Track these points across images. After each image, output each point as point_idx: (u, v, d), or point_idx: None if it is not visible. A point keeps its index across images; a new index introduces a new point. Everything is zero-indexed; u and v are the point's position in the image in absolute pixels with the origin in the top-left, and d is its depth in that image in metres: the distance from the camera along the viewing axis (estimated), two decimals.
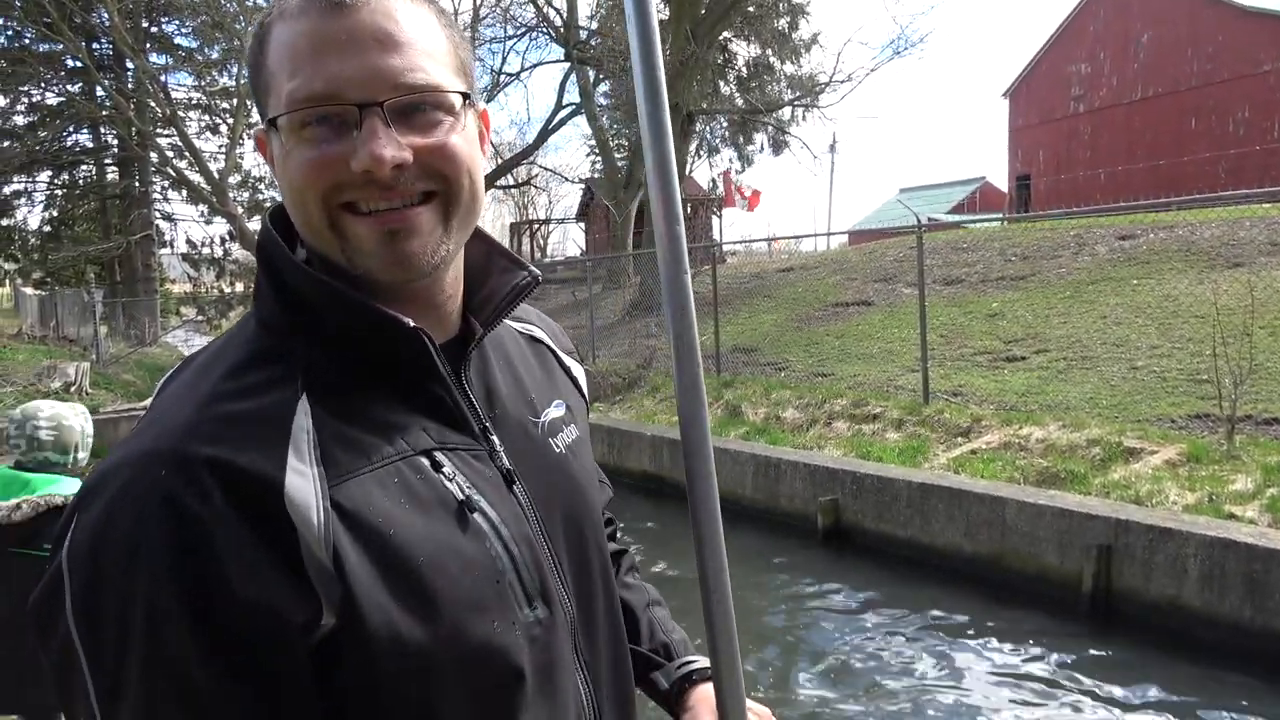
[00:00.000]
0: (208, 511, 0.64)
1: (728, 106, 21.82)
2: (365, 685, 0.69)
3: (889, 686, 4.98)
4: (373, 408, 0.75)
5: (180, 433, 0.68)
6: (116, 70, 24.80)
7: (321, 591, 0.67)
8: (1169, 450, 6.68)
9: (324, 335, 0.76)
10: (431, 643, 0.70)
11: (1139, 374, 8.63)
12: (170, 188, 27.85)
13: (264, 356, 0.74)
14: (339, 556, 0.68)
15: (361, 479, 0.71)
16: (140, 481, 0.65)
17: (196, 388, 0.73)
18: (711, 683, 0.99)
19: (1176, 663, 4.98)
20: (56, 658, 0.67)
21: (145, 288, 26.80)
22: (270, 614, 0.65)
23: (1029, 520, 6.01)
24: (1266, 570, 4.89)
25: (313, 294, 0.75)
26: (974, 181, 33.44)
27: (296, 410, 0.71)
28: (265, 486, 0.67)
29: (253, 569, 0.65)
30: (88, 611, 0.64)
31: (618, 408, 11.78)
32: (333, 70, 0.71)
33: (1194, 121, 22.95)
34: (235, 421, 0.69)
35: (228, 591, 0.64)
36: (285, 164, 0.74)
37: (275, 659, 0.66)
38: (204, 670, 0.63)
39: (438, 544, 0.73)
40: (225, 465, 0.66)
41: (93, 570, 0.65)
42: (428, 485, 0.75)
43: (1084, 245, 13.35)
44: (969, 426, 8.02)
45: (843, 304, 14.17)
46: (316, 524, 0.67)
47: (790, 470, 7.81)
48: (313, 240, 0.76)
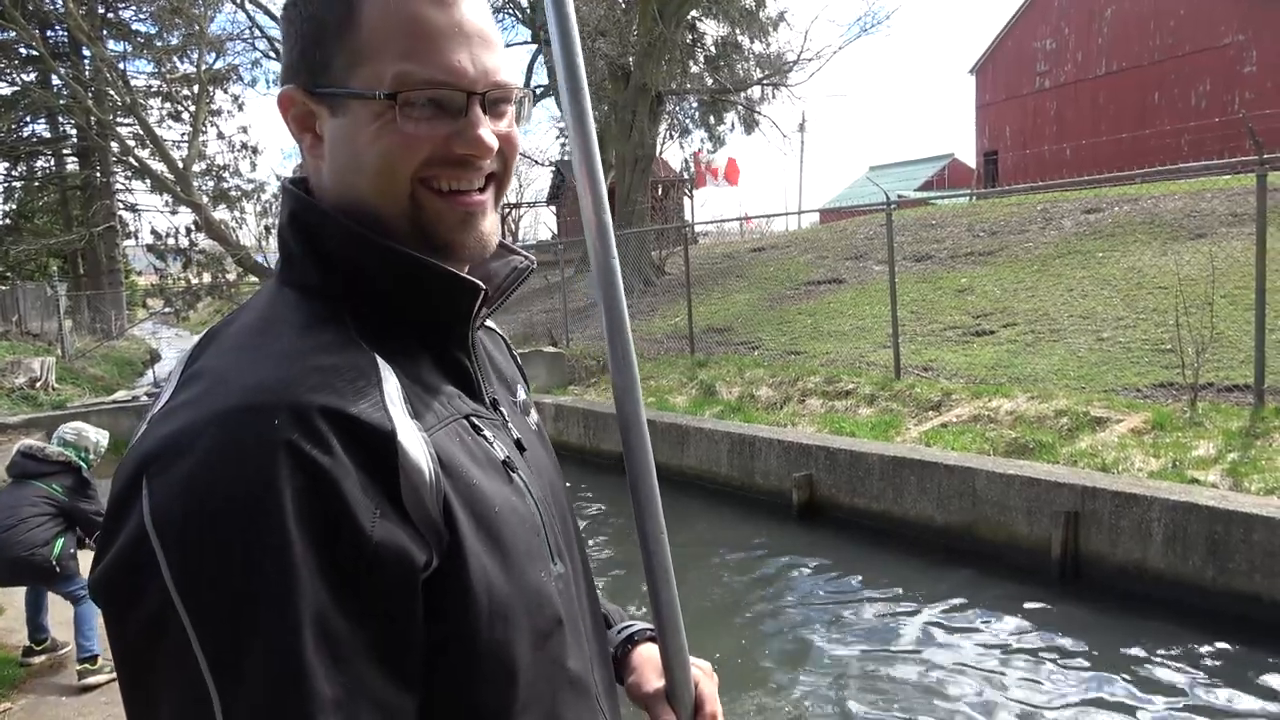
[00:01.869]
0: (330, 460, 0.65)
1: (697, 86, 21.75)
2: (462, 628, 0.72)
3: (864, 656, 5.07)
4: (421, 371, 0.78)
5: (281, 384, 0.67)
6: (73, 58, 24.28)
7: (429, 538, 0.69)
8: (1134, 419, 6.82)
9: (372, 298, 0.78)
10: (508, 588, 0.75)
11: (1105, 345, 8.78)
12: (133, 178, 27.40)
13: (321, 319, 0.75)
14: (447, 505, 0.71)
15: (439, 434, 0.75)
16: (251, 434, 0.64)
17: (267, 347, 0.72)
18: (653, 643, 1.03)
19: (1142, 623, 5.10)
20: (138, 630, 0.63)
21: (110, 280, 26.37)
22: (399, 557, 0.67)
23: (999, 490, 6.12)
24: (1227, 531, 5.01)
25: (367, 257, 0.77)
26: (943, 158, 33.64)
27: (380, 366, 0.73)
28: (381, 436, 0.68)
29: (379, 514, 0.66)
30: (201, 574, 0.62)
31: (593, 390, 11.80)
32: (449, 59, 0.76)
33: (1157, 95, 23.21)
34: (332, 374, 0.70)
35: (361, 537, 0.65)
36: (373, 140, 0.76)
37: (404, 601, 0.68)
38: (342, 616, 0.64)
39: (502, 497, 0.78)
40: (340, 414, 0.67)
41: (207, 528, 0.62)
42: (479, 446, 0.79)
43: (1050, 220, 13.51)
44: (940, 400, 8.12)
45: (814, 282, 14.26)
46: (428, 473, 0.70)
47: (765, 447, 7.87)
48: (385, 207, 0.78)
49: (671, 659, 0.96)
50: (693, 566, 6.73)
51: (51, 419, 10.94)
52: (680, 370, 11.23)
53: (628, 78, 17.94)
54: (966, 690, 4.58)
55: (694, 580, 6.48)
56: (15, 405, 12.99)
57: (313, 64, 0.78)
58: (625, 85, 18.00)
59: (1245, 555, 4.95)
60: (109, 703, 4.35)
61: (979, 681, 4.67)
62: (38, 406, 12.95)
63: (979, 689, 4.59)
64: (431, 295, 0.80)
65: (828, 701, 4.60)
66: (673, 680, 0.97)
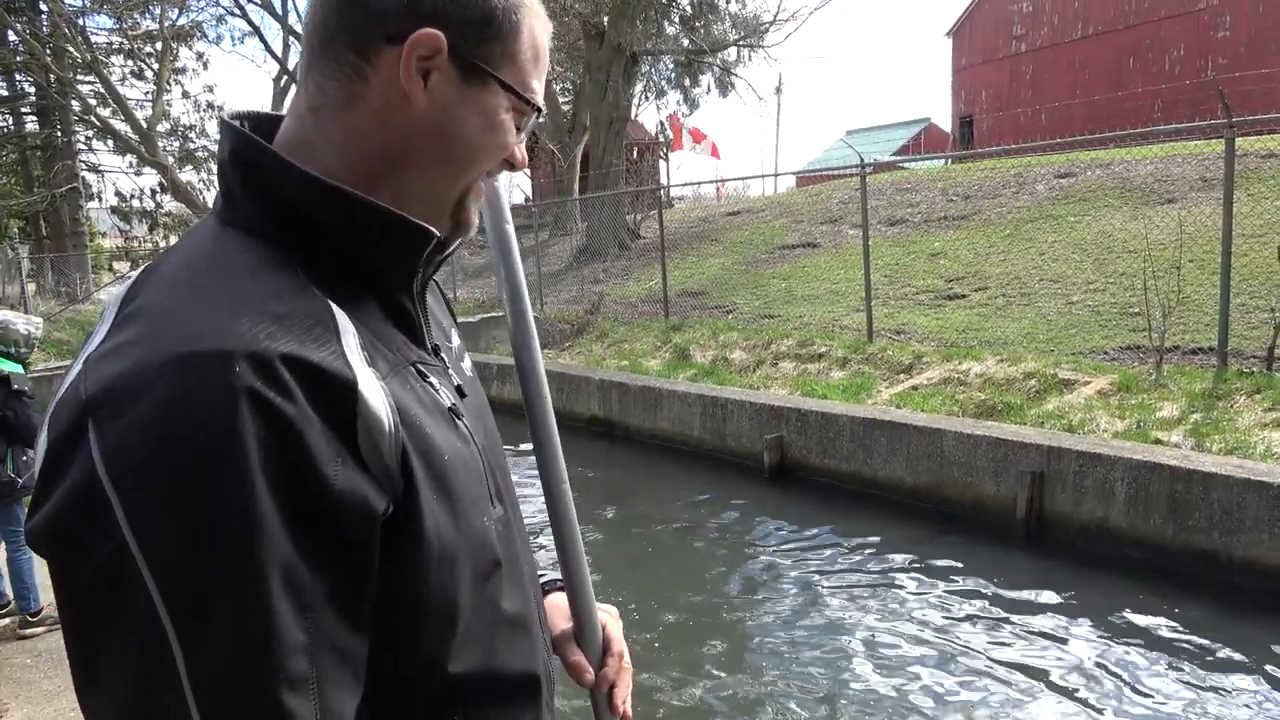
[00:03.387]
0: (294, 409, 0.63)
1: (672, 47, 21.49)
2: (411, 575, 0.73)
3: (830, 616, 5.13)
4: (369, 318, 0.77)
5: (241, 329, 0.65)
6: (29, 13, 23.52)
7: (385, 487, 0.69)
8: (1101, 381, 6.90)
9: (319, 241, 0.76)
10: (455, 534, 0.76)
11: (1074, 309, 8.86)
12: (95, 137, 26.70)
13: (273, 263, 0.73)
14: (404, 455, 0.71)
15: (391, 381, 0.74)
16: (214, 378, 0.62)
17: (217, 289, 0.69)
18: (561, 592, 1.05)
19: (1104, 581, 5.20)
20: (90, 579, 0.61)
21: (74, 242, 25.79)
22: (360, 505, 0.67)
23: (966, 451, 6.18)
24: (1188, 490, 5.11)
25: (322, 200, 0.75)
26: (919, 123, 33.55)
27: (336, 314, 0.72)
28: (343, 385, 0.68)
29: (341, 463, 0.66)
30: (161, 522, 0.60)
31: (566, 353, 11.76)
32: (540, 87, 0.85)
33: (1132, 60, 23.25)
34: (290, 320, 0.68)
35: (324, 486, 0.64)
36: (487, 125, 0.80)
37: (364, 549, 0.68)
38: (306, 564, 0.63)
39: (449, 444, 0.78)
40: (303, 362, 0.66)
41: (164, 477, 0.60)
42: (425, 392, 0.79)
43: (1024, 184, 13.54)
44: (911, 363, 8.17)
45: (789, 246, 14.24)
46: (388, 423, 0.70)
47: (737, 410, 7.90)
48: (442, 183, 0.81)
49: (578, 602, 1.00)
50: (664, 527, 6.77)
51: None
52: (654, 334, 11.21)
53: (602, 37, 17.67)
54: (931, 649, 4.66)
55: (664, 541, 6.52)
56: None
57: (478, 36, 0.77)
58: (599, 45, 17.73)
59: (1204, 514, 5.05)
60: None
61: (943, 640, 4.74)
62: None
63: (943, 647, 4.67)
64: (387, 242, 0.78)
65: (791, 660, 4.66)
66: (580, 622, 1.00)
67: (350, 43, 0.75)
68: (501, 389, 10.86)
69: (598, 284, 15.17)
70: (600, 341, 11.84)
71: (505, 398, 10.63)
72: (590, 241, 17.74)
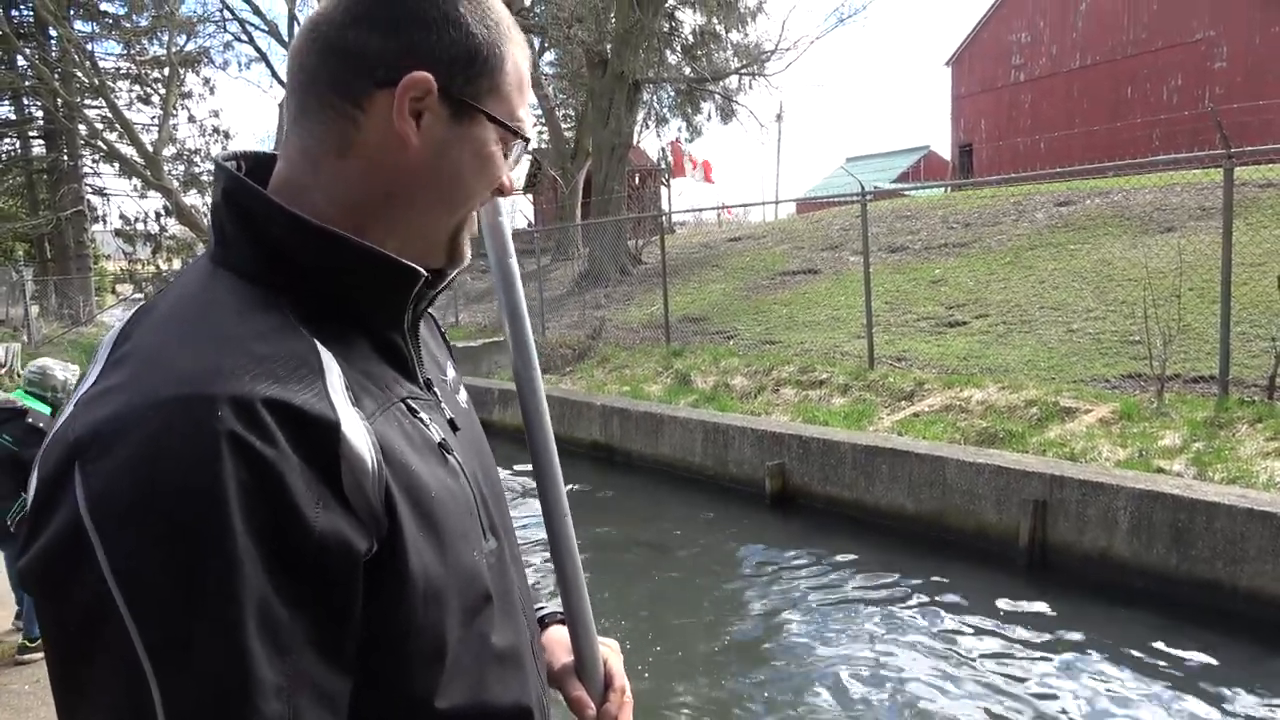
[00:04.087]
0: (274, 452, 0.64)
1: (675, 75, 21.70)
2: (396, 613, 0.73)
3: (830, 644, 5.11)
4: (357, 356, 0.78)
5: (222, 372, 0.65)
6: (39, 38, 23.76)
7: (370, 527, 0.70)
8: (1102, 409, 6.90)
9: (308, 282, 0.77)
10: (441, 570, 0.76)
11: (1075, 336, 8.87)
12: (101, 161, 26.93)
13: (260, 304, 0.74)
14: (388, 494, 0.72)
15: (378, 420, 0.74)
16: (193, 424, 0.62)
17: (203, 331, 0.70)
18: (561, 625, 1.05)
19: (1108, 610, 5.17)
20: (72, 620, 0.62)
21: (78, 265, 25.91)
22: (341, 546, 0.67)
23: (968, 478, 6.17)
24: (1190, 520, 5.09)
25: (309, 242, 0.76)
26: (919, 150, 33.78)
27: (322, 354, 0.73)
28: (325, 427, 0.68)
29: (322, 504, 0.66)
30: (140, 566, 0.60)
31: (568, 378, 11.77)
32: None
33: (1130, 90, 23.45)
34: (273, 362, 0.68)
35: (304, 528, 0.65)
36: (477, 159, 0.82)
37: (346, 590, 0.68)
38: (285, 606, 0.64)
39: (437, 480, 0.78)
40: (284, 405, 0.66)
41: (144, 521, 0.61)
42: (415, 429, 0.80)
43: (1024, 212, 13.62)
44: (912, 390, 8.18)
45: (790, 273, 14.29)
46: (370, 463, 0.70)
47: (738, 436, 7.89)
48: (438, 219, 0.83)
49: (580, 636, 0.99)
50: (665, 554, 6.75)
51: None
52: (655, 359, 11.23)
53: (605, 65, 17.85)
54: (931, 677, 4.63)
55: (665, 568, 6.49)
56: None
57: (465, 74, 0.79)
58: (603, 73, 17.91)
59: (1208, 543, 5.04)
60: None
61: (945, 668, 4.71)
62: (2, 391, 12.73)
63: (944, 675, 4.64)
64: (374, 284, 0.79)
65: (792, 688, 4.63)
66: (581, 656, 0.99)
67: (341, 88, 0.77)
68: (503, 414, 10.86)
69: (599, 309, 15.21)
70: (601, 367, 11.85)
71: (506, 422, 10.63)
72: (592, 267, 17.81)
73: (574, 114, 25.29)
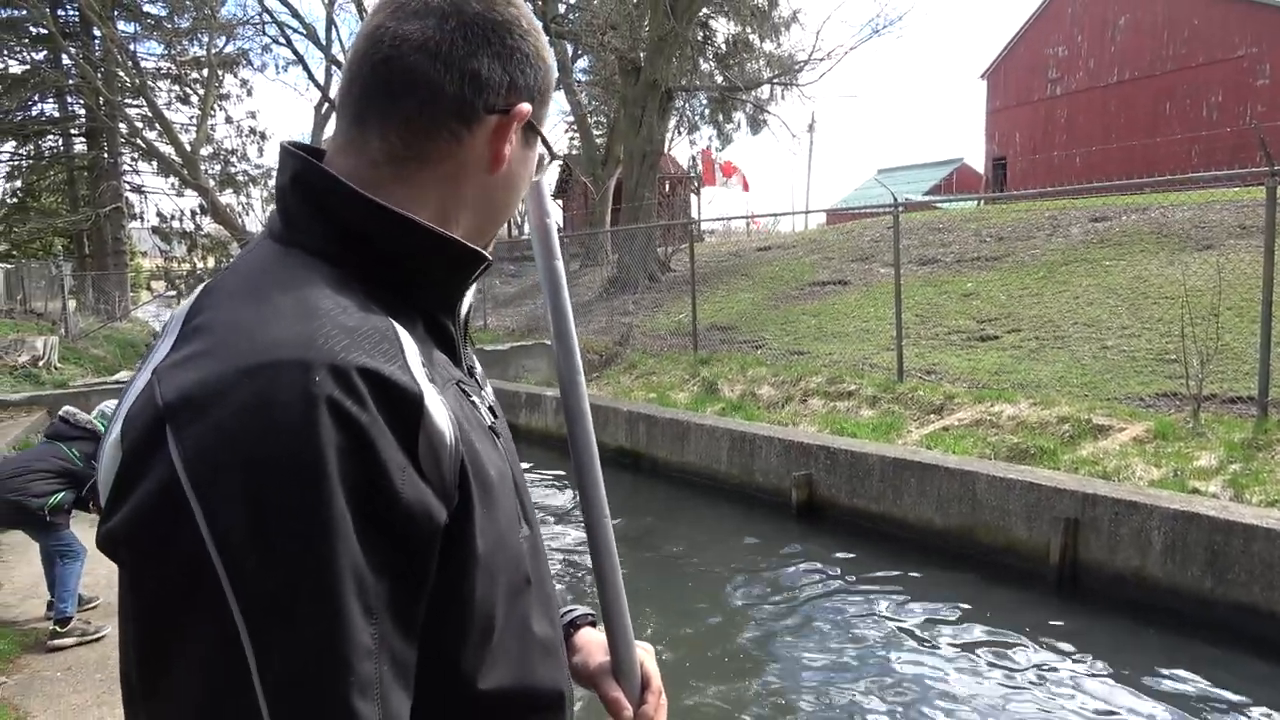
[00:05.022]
0: (369, 418, 0.66)
1: (707, 84, 21.71)
2: (459, 587, 0.75)
3: (856, 658, 5.06)
4: (418, 339, 0.80)
5: (316, 342, 0.67)
6: (83, 38, 24.24)
7: (445, 500, 0.72)
8: (1136, 427, 6.80)
9: (378, 265, 0.80)
10: (497, 547, 0.79)
11: (1109, 353, 8.75)
12: (140, 159, 27.37)
13: (337, 280, 0.76)
14: (463, 468, 0.74)
15: (448, 397, 0.77)
16: (294, 387, 0.64)
17: (285, 303, 0.71)
18: (593, 628, 1.06)
19: (1139, 632, 5.09)
20: (167, 579, 0.63)
21: (115, 261, 26.34)
22: (425, 515, 0.69)
23: (999, 494, 6.10)
24: (1227, 542, 5.00)
25: (384, 226, 0.79)
26: (951, 163, 33.56)
27: (397, 329, 0.75)
28: (411, 399, 0.70)
29: (409, 474, 0.68)
30: (241, 526, 0.61)
31: (594, 384, 11.79)
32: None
33: (1168, 105, 23.14)
34: (359, 335, 0.71)
35: (394, 495, 0.67)
36: (525, 175, 0.91)
37: (424, 559, 0.70)
38: (373, 571, 0.65)
39: (494, 461, 0.81)
40: (377, 375, 0.68)
41: (246, 482, 0.62)
42: (471, 410, 0.82)
43: (1058, 227, 13.47)
44: (942, 404, 8.11)
45: (819, 283, 14.23)
46: (449, 436, 0.73)
47: (765, 446, 7.86)
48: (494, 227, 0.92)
49: (617, 637, 0.99)
50: (689, 563, 6.73)
51: (53, 398, 10.93)
52: (683, 367, 11.22)
53: (638, 73, 17.90)
54: (960, 695, 4.57)
55: (690, 576, 6.47)
56: (18, 383, 12.98)
57: (538, 102, 0.88)
58: (635, 80, 17.96)
59: (1245, 566, 4.94)
60: (104, 679, 4.35)
61: (973, 686, 4.66)
62: (39, 385, 12.95)
63: (972, 694, 4.58)
64: (443, 266, 0.84)
65: (819, 702, 4.59)
66: (618, 657, 1.00)
67: (455, 107, 0.81)
68: (529, 418, 10.89)
69: (627, 315, 15.23)
70: (629, 373, 11.86)
71: (533, 427, 10.66)
72: (621, 273, 17.84)
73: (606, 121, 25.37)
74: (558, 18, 21.01)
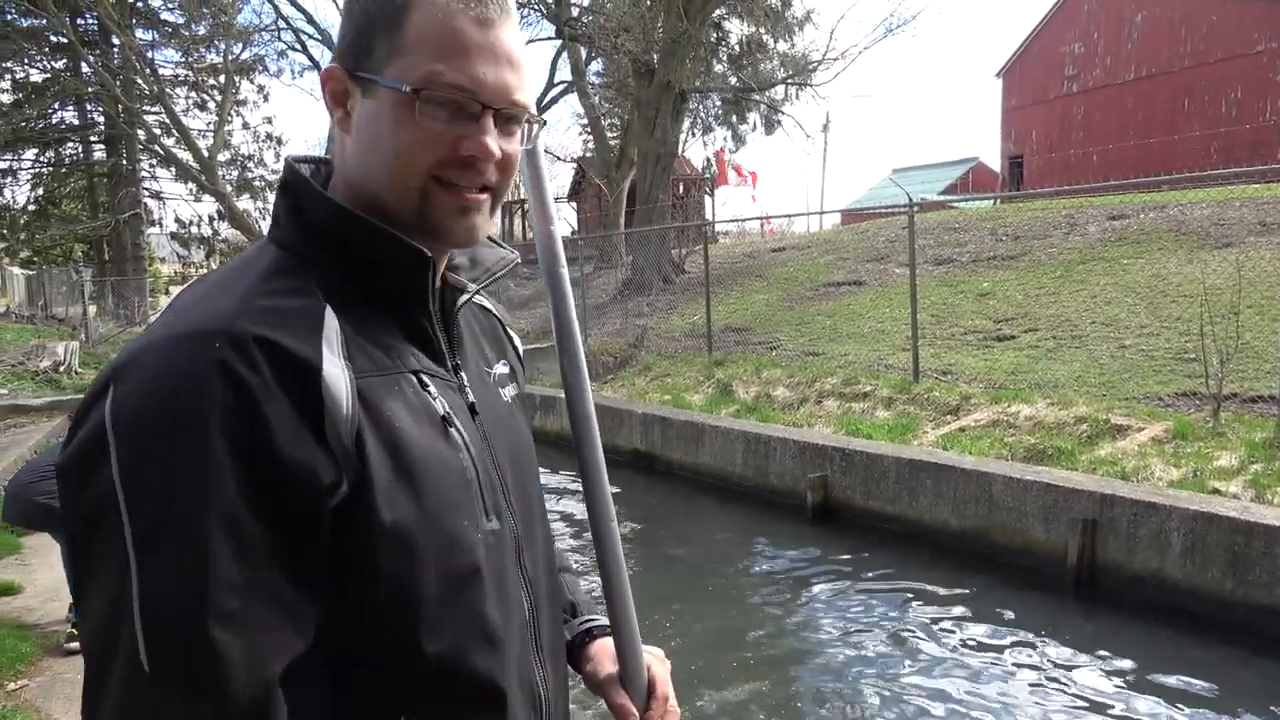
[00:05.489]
0: (257, 380, 0.74)
1: (720, 85, 21.69)
2: (363, 551, 0.80)
3: (873, 660, 5.04)
4: (374, 328, 0.87)
5: (228, 316, 0.77)
6: (102, 46, 24.51)
7: (342, 464, 0.78)
8: (1155, 427, 6.74)
9: (340, 260, 0.87)
10: (417, 525, 0.82)
11: (1128, 353, 8.68)
12: (158, 165, 27.61)
13: (288, 271, 0.85)
14: (360, 438, 0.80)
15: (373, 381, 0.84)
16: (195, 352, 0.74)
17: (230, 287, 0.82)
18: (607, 636, 1.08)
19: (1159, 634, 5.04)
20: (88, 508, 0.73)
21: (134, 267, 26.61)
22: (308, 472, 0.76)
23: (1016, 495, 6.06)
24: (1248, 543, 4.95)
25: (342, 225, 0.87)
26: (967, 162, 33.37)
27: (325, 313, 0.82)
28: (306, 367, 0.78)
29: (295, 434, 0.75)
30: (137, 465, 0.71)
31: (609, 386, 11.80)
32: (477, 72, 0.85)
33: (1187, 102, 22.93)
34: (276, 312, 0.79)
35: (275, 449, 0.74)
36: (393, 127, 0.85)
37: (307, 511, 0.76)
38: (251, 515, 0.73)
39: (428, 446, 0.86)
40: (272, 344, 0.76)
41: (147, 428, 0.72)
42: (419, 398, 0.88)
43: (1075, 225, 13.37)
44: (958, 404, 8.06)
45: (834, 284, 14.19)
46: (346, 407, 0.79)
47: (780, 447, 7.84)
48: (393, 189, 0.87)
49: (624, 645, 1.02)
50: (704, 565, 6.72)
51: (74, 403, 11.04)
52: (697, 369, 11.21)
53: (651, 75, 17.91)
54: (976, 698, 4.55)
55: (705, 578, 6.46)
56: (39, 388, 13.13)
57: (358, 49, 0.87)
58: (649, 82, 17.97)
59: (1266, 568, 4.88)
60: None
61: (989, 688, 4.63)
62: (60, 390, 13.09)
63: (989, 696, 4.55)
64: (383, 257, 0.88)
65: (834, 705, 4.58)
66: (626, 665, 1.02)
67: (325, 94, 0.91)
68: (544, 420, 10.91)
69: (641, 317, 15.23)
70: (643, 375, 11.86)
71: (547, 429, 10.68)
72: (635, 275, 17.84)
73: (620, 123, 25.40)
74: (571, 21, 21.05)
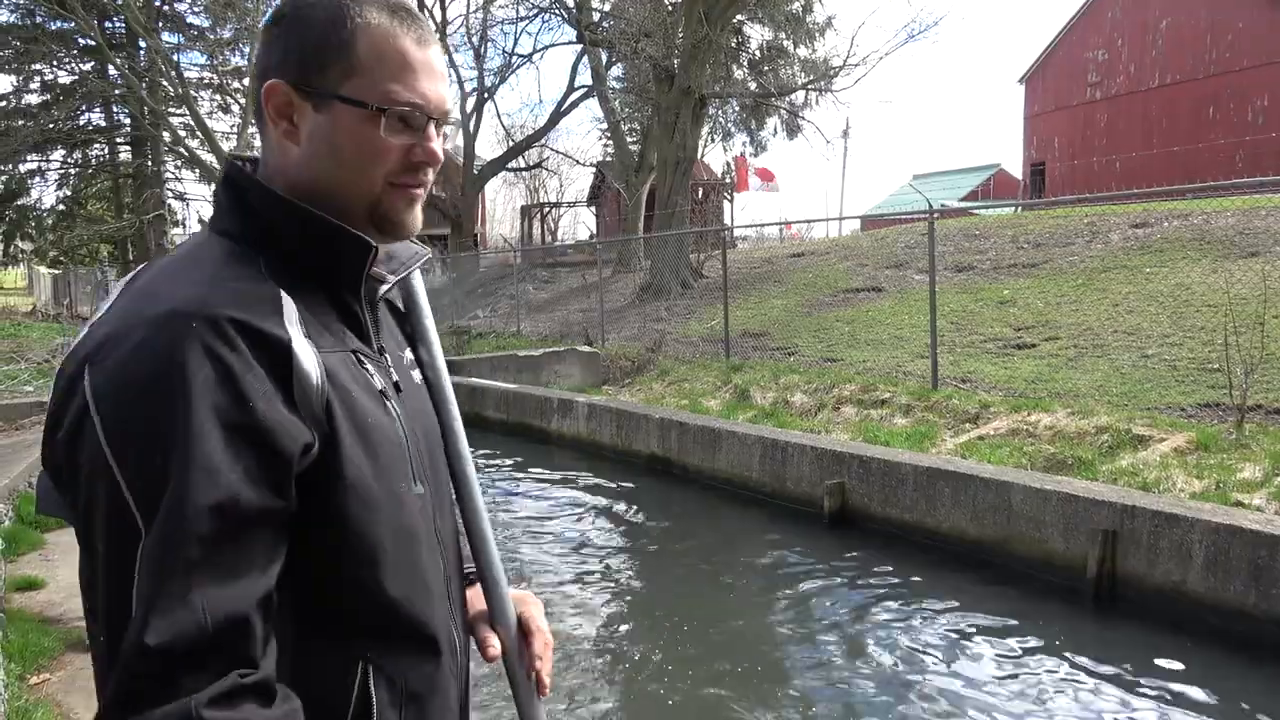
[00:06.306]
0: (234, 356, 0.84)
1: (741, 90, 21.68)
2: (334, 505, 0.91)
3: (892, 669, 5.01)
4: (318, 310, 0.97)
5: (199, 299, 0.85)
6: (129, 49, 24.84)
7: (314, 430, 0.89)
8: (1178, 438, 6.67)
9: (282, 248, 0.97)
10: (374, 482, 0.94)
11: (1150, 362, 8.60)
12: (183, 167, 27.93)
13: (239, 258, 0.94)
14: (329, 407, 0.91)
15: (330, 356, 0.94)
16: (174, 333, 0.82)
17: (192, 272, 0.91)
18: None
19: (1180, 647, 4.98)
20: (84, 481, 0.82)
21: None
22: (285, 434, 0.85)
23: (1035, 505, 6.01)
24: (1272, 557, 4.88)
25: (290, 217, 0.97)
26: (989, 168, 33.19)
27: (282, 296, 0.92)
28: (279, 344, 0.87)
29: (271, 401, 0.85)
30: (122, 433, 0.80)
31: (626, 390, 11.81)
32: (425, 89, 0.98)
33: (1212, 110, 22.71)
34: (243, 295, 0.88)
35: (254, 412, 0.83)
36: (355, 140, 0.96)
37: (283, 469, 0.85)
38: (240, 475, 0.81)
39: (375, 414, 0.97)
40: (244, 324, 0.85)
41: (126, 400, 0.81)
42: (360, 374, 0.99)
43: (1098, 233, 13.27)
44: (977, 412, 8.01)
45: (853, 290, 14.14)
46: (315, 378, 0.90)
47: (797, 453, 7.82)
48: (351, 193, 0.99)
49: (489, 586, 1.12)
50: (719, 571, 6.70)
51: None
52: (715, 374, 11.20)
53: (672, 80, 17.93)
54: (991, 709, 4.51)
55: (721, 584, 6.45)
56: None
57: (306, 67, 0.96)
58: (669, 87, 18.00)
59: None
60: None
61: (1005, 701, 4.59)
62: None
63: (1005, 708, 4.51)
64: (329, 246, 0.98)
65: (847, 713, 4.55)
66: (492, 605, 1.13)
67: (256, 106, 0.99)
68: (560, 424, 10.92)
69: (659, 322, 15.24)
70: (660, 380, 11.86)
71: (564, 432, 10.69)
72: (653, 279, 17.85)
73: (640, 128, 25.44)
74: (592, 26, 21.12)
